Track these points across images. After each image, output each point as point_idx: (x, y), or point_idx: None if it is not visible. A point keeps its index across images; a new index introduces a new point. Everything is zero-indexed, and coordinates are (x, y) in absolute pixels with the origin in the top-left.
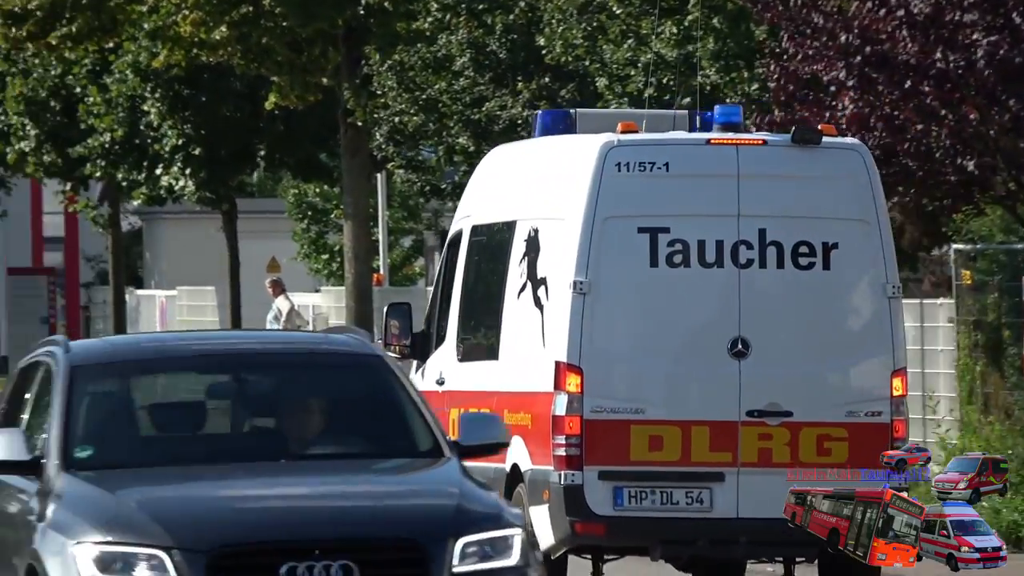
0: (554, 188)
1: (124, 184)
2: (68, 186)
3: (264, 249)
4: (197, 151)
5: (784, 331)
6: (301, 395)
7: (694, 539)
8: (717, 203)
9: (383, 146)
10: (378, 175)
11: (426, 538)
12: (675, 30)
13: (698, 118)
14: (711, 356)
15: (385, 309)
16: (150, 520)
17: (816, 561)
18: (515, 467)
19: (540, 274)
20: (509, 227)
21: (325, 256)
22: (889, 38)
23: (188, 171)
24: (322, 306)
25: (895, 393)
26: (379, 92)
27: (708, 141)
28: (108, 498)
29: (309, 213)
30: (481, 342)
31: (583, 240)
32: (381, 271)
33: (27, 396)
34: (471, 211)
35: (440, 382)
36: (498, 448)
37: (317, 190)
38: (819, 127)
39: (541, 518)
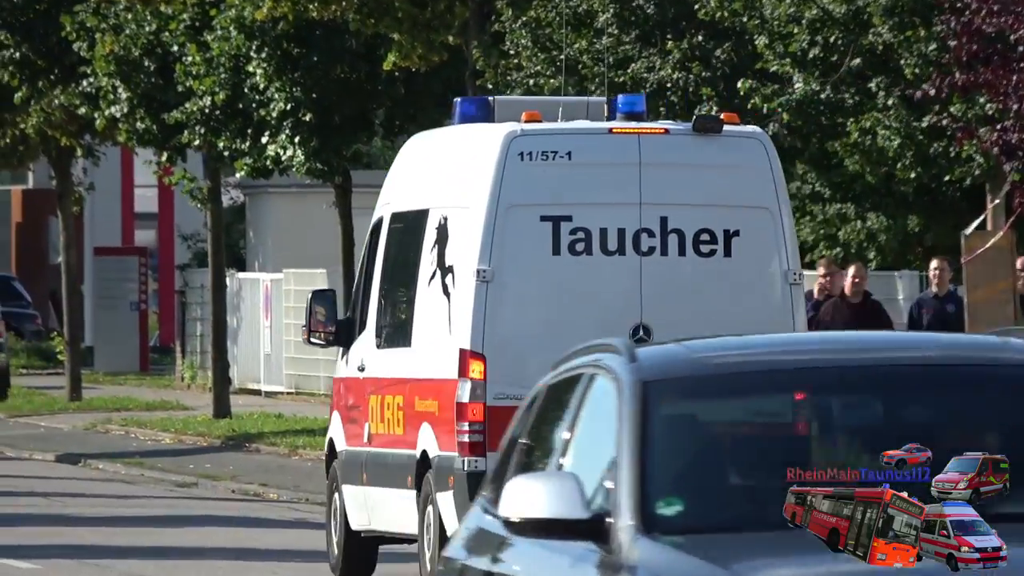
0: (462, 177)
1: (226, 154)
2: (163, 156)
3: None
4: (307, 117)
5: (686, 317)
6: (978, 430)
7: None
8: (619, 191)
9: None
10: None
11: None
12: None
13: (605, 107)
14: None
15: (309, 295)
16: None
17: None
18: (424, 453)
19: (448, 262)
20: (422, 215)
21: None
22: None
23: (297, 139)
24: None
25: None
26: (511, 51)
27: (610, 130)
28: None
29: None
30: (397, 329)
31: (486, 229)
32: None
33: (567, 425)
34: (391, 198)
35: (361, 368)
36: None
37: None
38: (721, 115)
39: (447, 504)
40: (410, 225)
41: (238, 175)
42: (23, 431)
